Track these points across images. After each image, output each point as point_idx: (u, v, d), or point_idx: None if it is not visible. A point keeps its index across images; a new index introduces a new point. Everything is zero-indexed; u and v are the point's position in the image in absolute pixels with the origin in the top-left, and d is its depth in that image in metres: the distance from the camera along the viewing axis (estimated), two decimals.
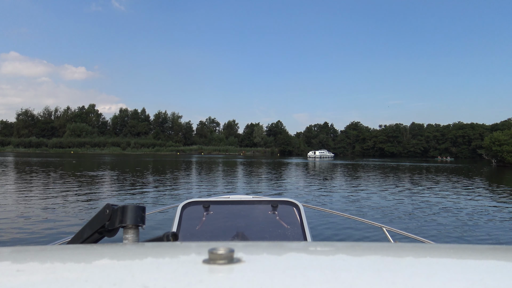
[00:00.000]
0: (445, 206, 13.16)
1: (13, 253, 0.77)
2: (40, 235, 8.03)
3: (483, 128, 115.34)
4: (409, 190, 18.52)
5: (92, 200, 13.45)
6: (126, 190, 16.90)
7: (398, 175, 30.36)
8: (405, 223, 10.11)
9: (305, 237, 2.45)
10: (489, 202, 14.79)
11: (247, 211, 2.76)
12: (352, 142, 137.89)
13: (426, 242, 2.17)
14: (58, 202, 12.69)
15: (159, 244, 0.85)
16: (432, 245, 0.91)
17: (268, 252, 0.74)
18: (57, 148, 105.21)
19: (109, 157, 65.80)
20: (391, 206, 13.04)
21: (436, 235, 8.68)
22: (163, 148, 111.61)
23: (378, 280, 0.52)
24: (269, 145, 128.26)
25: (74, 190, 15.99)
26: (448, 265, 0.63)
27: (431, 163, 63.96)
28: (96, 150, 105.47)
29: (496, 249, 0.79)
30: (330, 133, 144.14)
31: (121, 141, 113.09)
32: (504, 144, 53.91)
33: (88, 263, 0.66)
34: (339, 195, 16.43)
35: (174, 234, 0.95)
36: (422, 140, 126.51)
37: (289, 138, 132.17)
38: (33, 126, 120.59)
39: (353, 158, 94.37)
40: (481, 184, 23.37)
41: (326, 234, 8.18)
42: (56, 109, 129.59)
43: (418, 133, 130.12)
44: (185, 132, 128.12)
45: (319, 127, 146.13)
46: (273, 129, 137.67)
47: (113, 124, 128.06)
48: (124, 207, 0.96)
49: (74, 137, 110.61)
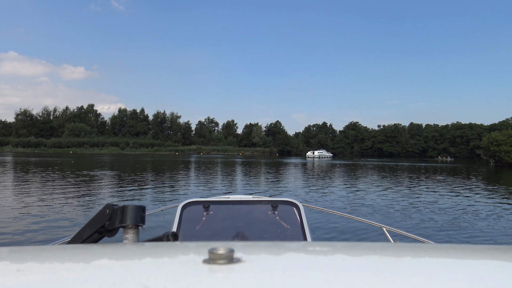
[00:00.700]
0: (444, 206, 13.23)
1: (13, 253, 0.77)
2: (40, 235, 8.01)
3: (481, 128, 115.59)
4: (407, 190, 18.60)
5: (91, 200, 13.45)
6: (125, 190, 16.93)
7: (397, 175, 30.47)
8: (404, 222, 10.17)
9: (305, 237, 2.45)
10: (487, 201, 14.87)
11: (247, 211, 2.76)
12: (350, 142, 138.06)
13: (426, 242, 2.17)
14: (58, 202, 12.70)
15: (159, 244, 0.85)
16: (432, 245, 0.91)
17: (268, 252, 0.74)
18: (56, 148, 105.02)
19: (108, 157, 65.76)
20: (390, 206, 13.11)
21: (435, 234, 8.71)
22: (162, 148, 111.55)
23: (378, 280, 0.52)
24: (268, 145, 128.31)
25: (74, 190, 15.99)
26: (448, 265, 0.63)
27: (431, 163, 64.01)
28: (95, 150, 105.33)
29: (496, 249, 0.79)
30: (329, 133, 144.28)
31: (120, 141, 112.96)
32: (502, 144, 54.04)
33: (88, 263, 0.66)
34: (338, 195, 16.48)
35: (174, 234, 0.95)
36: (420, 140, 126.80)
37: (288, 138, 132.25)
38: (31, 126, 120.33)
39: (352, 158, 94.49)
40: (479, 184, 23.49)
41: (326, 234, 8.18)
42: (55, 109, 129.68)
43: (416, 133, 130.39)
44: (184, 132, 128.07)
45: (317, 127, 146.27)
46: (272, 129, 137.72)
47: (112, 124, 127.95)
48: (124, 207, 0.96)
49: (73, 137, 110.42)
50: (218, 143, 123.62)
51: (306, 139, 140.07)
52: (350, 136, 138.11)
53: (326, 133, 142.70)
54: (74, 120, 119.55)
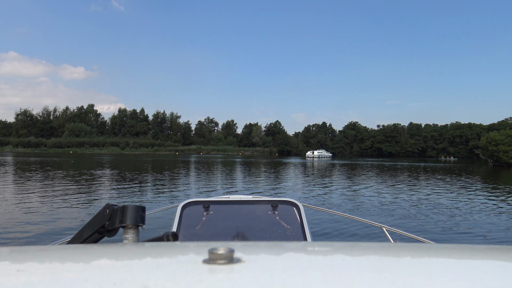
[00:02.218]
0: (444, 206, 13.30)
1: (13, 253, 0.77)
2: (40, 235, 8.00)
3: (480, 128, 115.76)
4: (407, 190, 18.72)
5: (92, 200, 13.48)
6: (125, 190, 16.97)
7: (396, 175, 30.62)
8: (403, 221, 10.25)
9: (305, 237, 2.45)
10: (485, 201, 14.94)
11: (247, 211, 2.76)
12: (350, 142, 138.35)
13: (426, 242, 2.18)
14: (58, 202, 12.72)
15: (159, 244, 0.85)
16: (432, 245, 0.91)
17: (268, 252, 0.74)
18: (56, 148, 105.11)
19: (108, 157, 65.84)
20: (389, 205, 13.19)
21: (435, 234, 8.78)
22: (162, 148, 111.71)
23: (378, 280, 0.52)
24: (268, 145, 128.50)
25: (74, 190, 16.03)
26: (448, 265, 0.63)
27: (434, 163, 63.87)
28: (95, 150, 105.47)
29: (496, 249, 0.79)
30: (328, 133, 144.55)
31: (120, 141, 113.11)
32: (500, 144, 54.32)
33: (88, 263, 0.66)
34: (338, 195, 16.54)
35: (174, 234, 0.95)
36: (420, 140, 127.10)
37: (287, 138, 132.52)
38: (32, 126, 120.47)
39: (351, 158, 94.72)
40: (477, 183, 23.64)
41: (326, 234, 8.21)
42: (55, 109, 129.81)
43: (416, 133, 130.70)
44: (183, 132, 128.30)
45: (317, 127, 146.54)
46: (272, 129, 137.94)
47: (112, 124, 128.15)
48: (124, 207, 0.96)
49: (73, 137, 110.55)
50: (218, 143, 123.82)
51: (306, 139, 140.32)
52: (350, 136, 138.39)
53: (325, 133, 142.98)
54: (74, 120, 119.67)
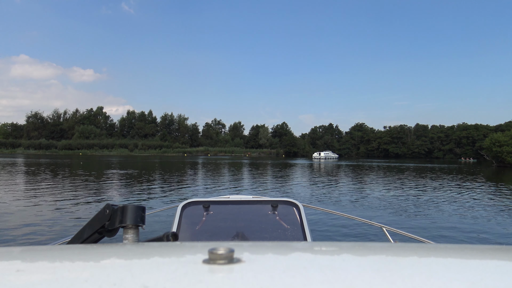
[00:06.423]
0: (443, 206, 13.41)
1: (13, 253, 0.77)
2: (40, 235, 8.01)
3: (487, 129, 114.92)
4: (408, 190, 18.77)
5: (93, 200, 13.52)
6: (129, 191, 17.06)
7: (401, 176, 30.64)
8: (402, 220, 10.36)
9: (305, 237, 2.44)
10: (487, 202, 14.74)
11: (247, 211, 2.76)
12: (356, 143, 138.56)
13: (426, 242, 2.18)
14: (59, 202, 12.79)
15: (159, 244, 0.85)
16: (432, 245, 0.91)
17: (268, 252, 0.74)
18: (67, 150, 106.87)
19: (117, 159, 66.88)
20: (389, 205, 13.36)
21: (435, 234, 8.80)
22: (170, 149, 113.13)
23: (378, 280, 0.52)
24: (274, 147, 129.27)
25: (78, 190, 16.15)
26: (448, 265, 0.63)
27: (453, 164, 62.88)
28: (105, 151, 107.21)
29: (496, 249, 0.79)
30: (335, 134, 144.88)
31: (129, 143, 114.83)
32: (504, 145, 54.35)
33: (88, 263, 0.66)
34: (343, 195, 16.48)
35: (174, 234, 0.95)
36: (426, 141, 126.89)
37: (294, 140, 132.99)
38: (42, 128, 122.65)
39: (358, 159, 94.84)
40: (480, 184, 23.64)
41: (326, 234, 8.23)
42: (65, 111, 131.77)
43: (422, 134, 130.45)
44: (191, 134, 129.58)
45: (324, 129, 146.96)
46: (279, 130, 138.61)
47: (121, 126, 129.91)
48: (124, 207, 0.96)
49: (82, 139, 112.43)
50: (225, 145, 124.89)
51: (312, 140, 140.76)
52: (356, 137, 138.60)
53: (332, 134, 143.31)
54: (83, 122, 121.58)
